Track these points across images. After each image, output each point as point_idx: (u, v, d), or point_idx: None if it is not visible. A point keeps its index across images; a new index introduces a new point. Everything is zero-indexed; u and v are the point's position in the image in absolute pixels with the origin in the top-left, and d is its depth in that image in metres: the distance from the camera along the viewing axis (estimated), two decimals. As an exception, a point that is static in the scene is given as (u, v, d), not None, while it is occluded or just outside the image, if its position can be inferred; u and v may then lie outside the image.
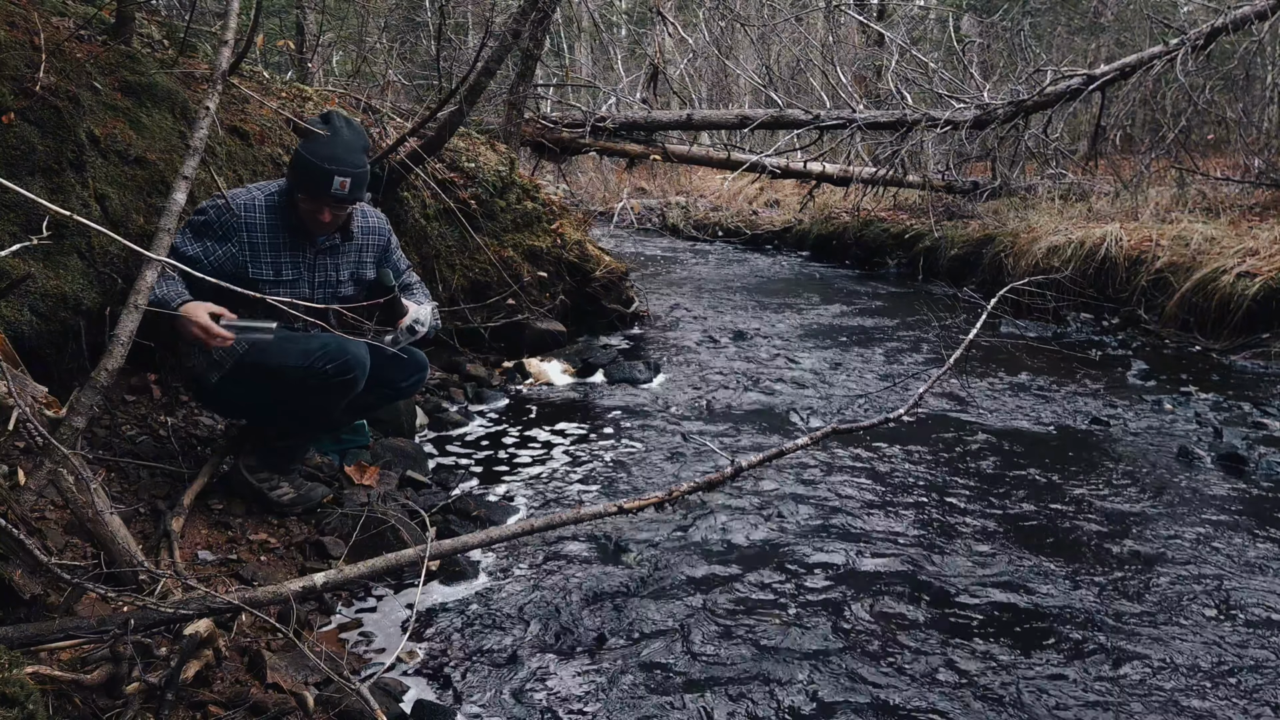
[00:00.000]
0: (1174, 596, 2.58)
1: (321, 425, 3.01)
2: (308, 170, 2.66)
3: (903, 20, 14.12)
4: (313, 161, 2.65)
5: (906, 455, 3.73)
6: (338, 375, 2.68)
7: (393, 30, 10.89)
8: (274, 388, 2.69)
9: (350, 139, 2.72)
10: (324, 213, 2.74)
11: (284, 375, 2.66)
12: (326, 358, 2.66)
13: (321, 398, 2.73)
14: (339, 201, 2.72)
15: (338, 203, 2.72)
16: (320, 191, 2.68)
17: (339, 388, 2.71)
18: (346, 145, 2.70)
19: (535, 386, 4.79)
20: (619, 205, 12.65)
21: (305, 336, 2.76)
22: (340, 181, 2.67)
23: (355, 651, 2.31)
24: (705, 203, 14.07)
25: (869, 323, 6.56)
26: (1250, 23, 7.28)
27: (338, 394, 2.75)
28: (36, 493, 2.07)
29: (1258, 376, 4.96)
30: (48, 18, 3.21)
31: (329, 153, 2.66)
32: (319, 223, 2.77)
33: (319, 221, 2.76)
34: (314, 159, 2.65)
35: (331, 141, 2.68)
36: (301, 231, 2.80)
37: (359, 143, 2.75)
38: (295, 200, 2.75)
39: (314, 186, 2.68)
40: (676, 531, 2.97)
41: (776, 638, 2.35)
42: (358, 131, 2.77)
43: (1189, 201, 7.41)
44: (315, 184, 2.67)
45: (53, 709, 1.63)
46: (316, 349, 2.67)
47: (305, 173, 2.67)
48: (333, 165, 2.65)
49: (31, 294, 2.68)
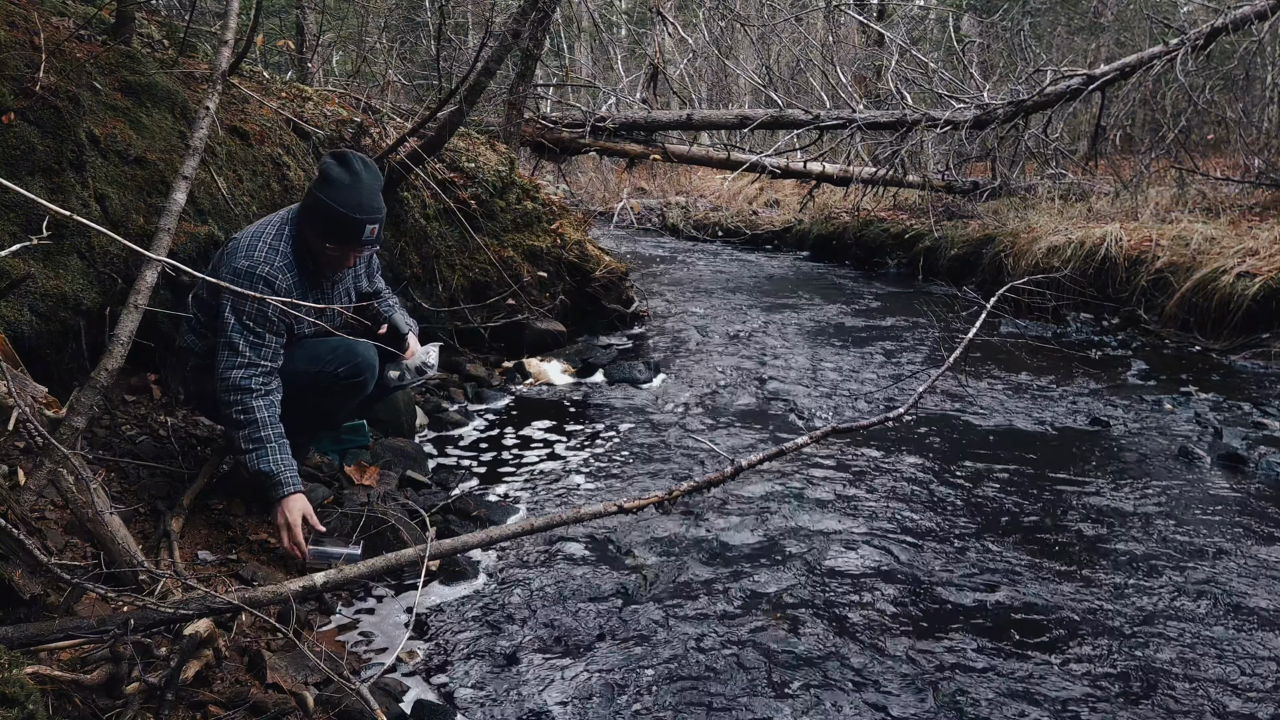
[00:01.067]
0: (1174, 596, 2.58)
1: (326, 426, 3.05)
2: (338, 222, 2.59)
3: (903, 20, 14.12)
4: (343, 212, 2.58)
5: (906, 455, 3.73)
6: (349, 377, 2.73)
7: (393, 30, 10.89)
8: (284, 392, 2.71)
9: (370, 182, 2.65)
10: (350, 258, 2.71)
11: (295, 380, 2.68)
12: (337, 360, 2.71)
13: (331, 399, 2.78)
14: (368, 246, 2.68)
15: (367, 247, 2.69)
16: (352, 240, 2.63)
17: (349, 389, 2.76)
18: (369, 190, 2.63)
19: (535, 386, 4.79)
20: (619, 205, 12.65)
21: (313, 340, 2.77)
22: (370, 229, 2.63)
23: (355, 651, 2.31)
24: (705, 203, 14.06)
25: (869, 323, 6.56)
26: (1250, 23, 7.28)
27: (348, 396, 2.80)
28: (36, 493, 2.07)
29: (1258, 376, 4.96)
30: (48, 18, 3.22)
31: (356, 201, 2.59)
32: (342, 265, 2.74)
33: (342, 264, 2.74)
34: (344, 209, 2.58)
35: (355, 188, 2.60)
36: (318, 272, 2.77)
37: (377, 184, 2.68)
38: (316, 245, 2.67)
39: (345, 236, 2.62)
40: (677, 531, 2.97)
41: (776, 638, 2.35)
42: (374, 172, 2.70)
43: (1189, 201, 7.41)
44: (346, 234, 2.61)
45: (53, 709, 1.63)
46: (326, 353, 2.70)
47: (336, 224, 2.60)
48: (363, 215, 2.60)
49: (31, 294, 2.68)
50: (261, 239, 2.63)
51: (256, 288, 2.54)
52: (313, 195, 2.62)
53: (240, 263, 2.58)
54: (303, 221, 2.67)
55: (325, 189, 2.59)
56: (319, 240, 2.65)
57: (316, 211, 2.61)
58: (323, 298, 2.80)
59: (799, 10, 12.61)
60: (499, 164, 5.41)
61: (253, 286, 2.54)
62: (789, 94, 11.41)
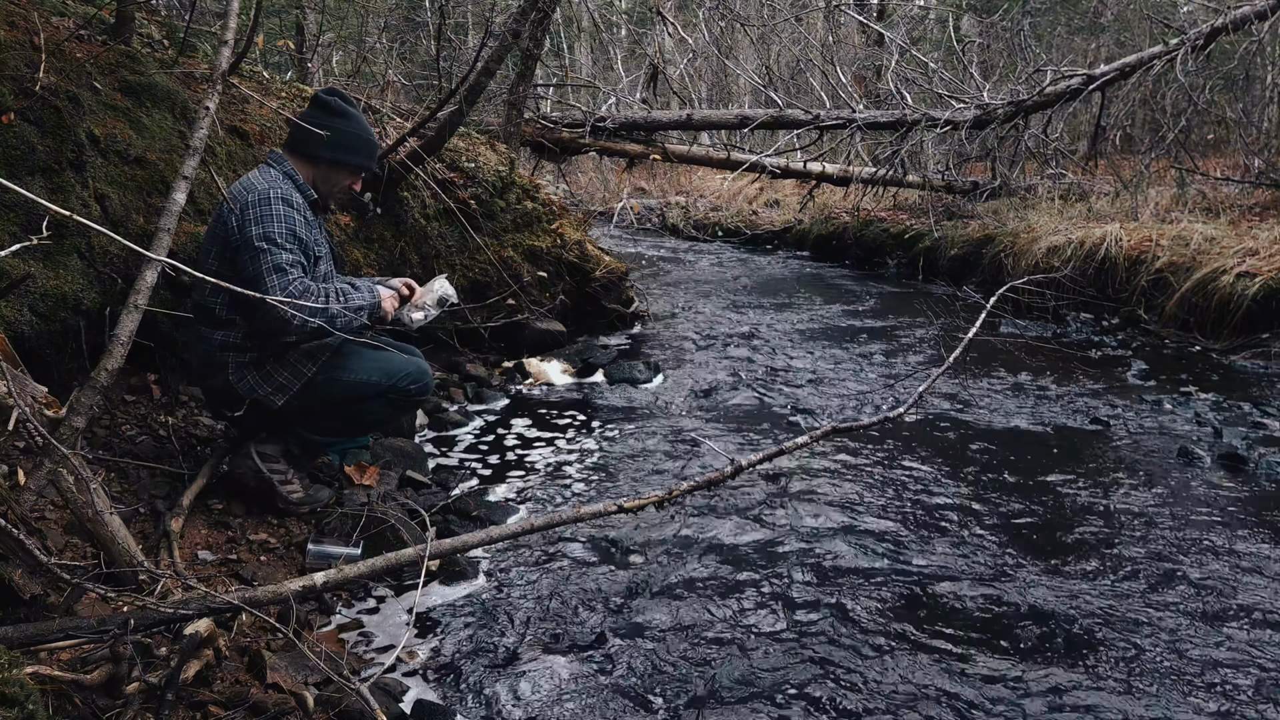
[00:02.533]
0: (1174, 596, 2.58)
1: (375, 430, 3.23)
2: (367, 146, 2.83)
3: (903, 20, 14.11)
4: (366, 138, 2.82)
5: (906, 454, 3.73)
6: (419, 394, 2.92)
7: (393, 30, 10.88)
8: (344, 401, 2.80)
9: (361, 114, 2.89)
10: (358, 182, 2.93)
11: (361, 390, 2.79)
12: (410, 378, 2.86)
13: (396, 411, 2.96)
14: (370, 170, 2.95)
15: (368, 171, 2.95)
16: (371, 163, 2.90)
17: (412, 404, 2.99)
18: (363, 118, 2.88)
19: (535, 386, 4.79)
20: (619, 205, 12.64)
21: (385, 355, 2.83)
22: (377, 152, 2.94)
23: (355, 651, 2.31)
24: (705, 203, 14.06)
25: (869, 323, 6.56)
26: (1250, 23, 7.28)
27: (409, 409, 3.05)
28: (36, 493, 2.07)
29: (1258, 376, 4.96)
30: (48, 18, 3.22)
31: (366, 127, 2.85)
32: (348, 193, 2.94)
33: (349, 191, 2.93)
34: (366, 135, 2.83)
35: (359, 117, 2.84)
36: (317, 207, 2.86)
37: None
38: (328, 175, 2.82)
39: (369, 159, 2.87)
40: (676, 531, 2.97)
41: (776, 638, 2.35)
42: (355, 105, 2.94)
43: (1189, 201, 7.40)
44: (370, 157, 2.87)
45: (53, 709, 1.63)
46: (399, 367, 2.83)
47: (365, 149, 2.83)
48: (374, 140, 2.87)
49: (31, 294, 2.68)
50: (256, 178, 2.72)
51: (277, 206, 2.62)
52: (328, 129, 2.76)
53: (252, 196, 2.63)
54: (312, 155, 2.79)
55: (342, 121, 2.78)
56: (338, 169, 2.82)
57: (341, 143, 2.77)
58: (324, 233, 2.91)
59: (799, 10, 12.60)
60: (499, 164, 5.41)
61: (272, 205, 2.62)
62: (789, 94, 11.41)
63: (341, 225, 4.31)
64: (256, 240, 2.55)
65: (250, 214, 2.57)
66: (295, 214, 2.63)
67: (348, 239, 4.31)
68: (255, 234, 2.55)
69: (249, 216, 2.57)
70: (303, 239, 2.64)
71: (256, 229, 2.56)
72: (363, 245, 4.42)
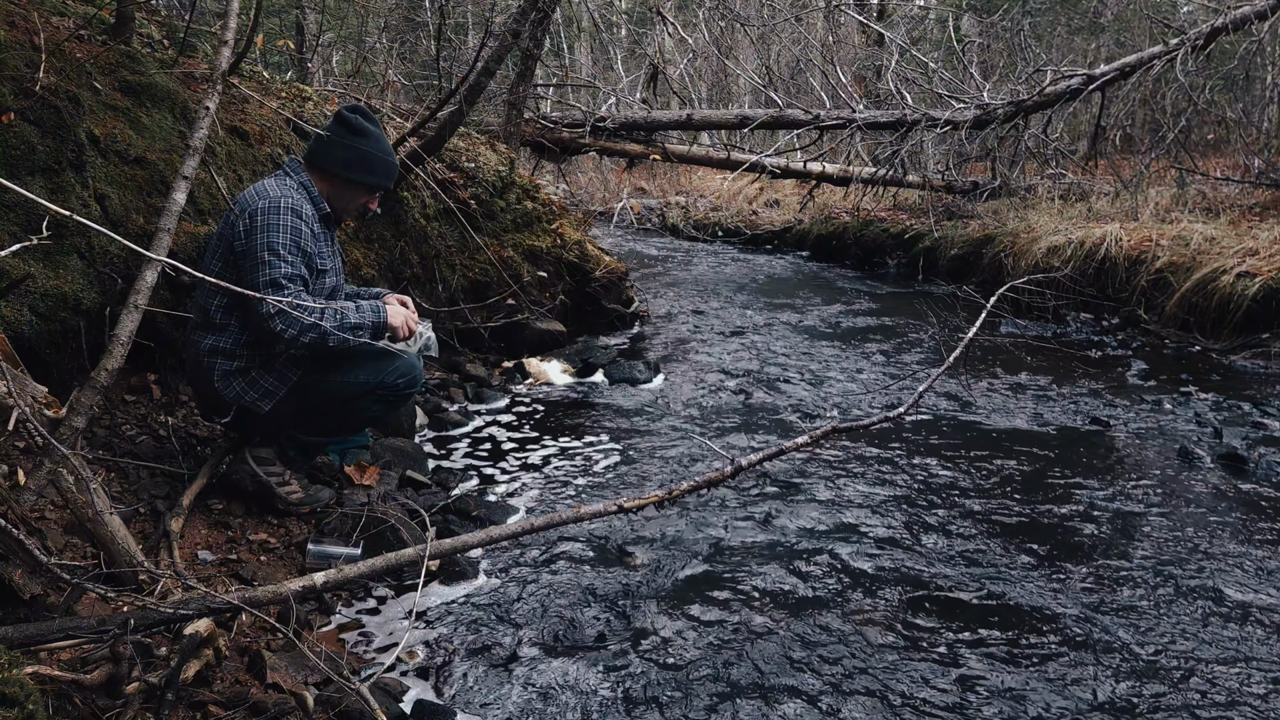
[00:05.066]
0: (1174, 596, 2.58)
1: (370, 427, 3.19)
2: (384, 167, 2.84)
3: (903, 20, 14.11)
4: (384, 159, 2.83)
5: (906, 455, 3.73)
6: (407, 389, 2.88)
7: (393, 30, 10.88)
8: (334, 401, 2.78)
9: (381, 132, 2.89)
10: (375, 201, 2.93)
11: (350, 389, 2.77)
12: (398, 373, 2.83)
13: (387, 408, 2.93)
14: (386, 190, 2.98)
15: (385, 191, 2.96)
16: (388, 183, 2.91)
17: (402, 400, 2.93)
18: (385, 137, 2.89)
19: (535, 386, 4.79)
20: (619, 205, 12.64)
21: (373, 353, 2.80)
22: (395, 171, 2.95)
23: (355, 651, 2.31)
24: (705, 203, 14.06)
25: (869, 322, 6.56)
26: (1250, 23, 7.28)
27: (400, 405, 2.98)
28: (36, 493, 2.07)
29: (1258, 376, 4.96)
30: (48, 18, 3.21)
31: (388, 148, 2.86)
32: (364, 210, 2.94)
33: (365, 209, 2.93)
34: (385, 155, 2.83)
35: (380, 137, 2.84)
36: (329, 220, 2.86)
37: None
38: (344, 192, 2.82)
39: (386, 180, 2.88)
40: (676, 531, 2.97)
41: (776, 638, 2.35)
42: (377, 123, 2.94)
43: (1189, 201, 7.40)
44: (387, 177, 2.88)
45: (53, 709, 1.63)
46: (387, 366, 2.80)
47: (382, 170, 2.84)
48: (394, 160, 2.89)
49: (31, 294, 2.68)
50: (270, 185, 2.70)
51: (286, 217, 2.61)
52: (347, 146, 2.76)
53: (263, 203, 2.62)
54: (328, 170, 2.79)
55: (362, 140, 2.78)
56: (355, 187, 2.82)
57: (357, 163, 2.78)
58: (333, 248, 2.91)
59: (799, 10, 12.60)
60: (499, 164, 5.41)
61: (281, 214, 2.60)
62: (789, 94, 11.41)
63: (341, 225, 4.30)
64: (259, 249, 2.56)
65: (258, 221, 2.58)
66: (303, 225, 2.63)
67: (348, 239, 4.30)
68: (260, 242, 2.56)
69: (256, 224, 2.57)
70: (308, 252, 2.64)
71: (261, 237, 2.56)
72: (363, 245, 4.42)
